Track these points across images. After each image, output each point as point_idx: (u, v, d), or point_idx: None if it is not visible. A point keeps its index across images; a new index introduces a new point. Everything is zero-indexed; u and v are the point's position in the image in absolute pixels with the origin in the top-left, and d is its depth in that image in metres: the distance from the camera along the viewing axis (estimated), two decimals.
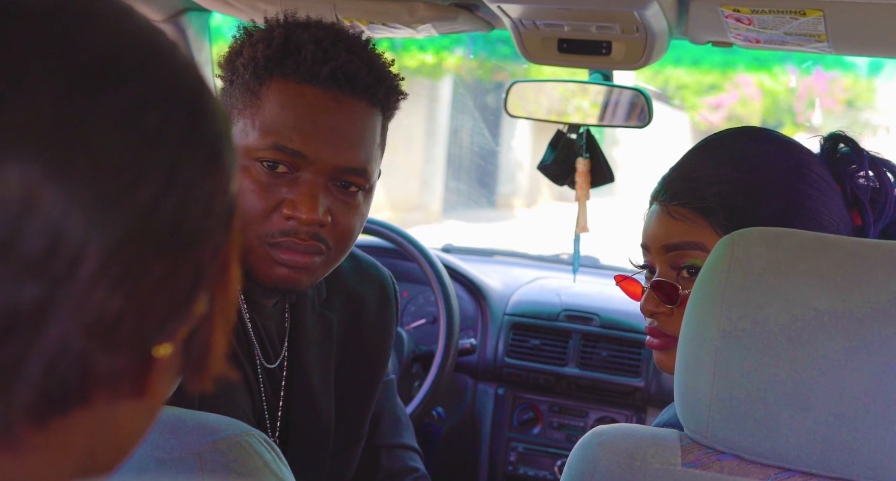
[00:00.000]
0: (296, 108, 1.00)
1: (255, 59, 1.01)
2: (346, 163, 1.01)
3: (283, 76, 1.00)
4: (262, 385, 1.10)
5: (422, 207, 8.32)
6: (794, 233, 0.79)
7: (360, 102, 1.02)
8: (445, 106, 8.40)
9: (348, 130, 1.01)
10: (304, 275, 1.03)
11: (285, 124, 1.00)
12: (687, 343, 0.80)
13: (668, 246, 0.98)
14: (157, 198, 0.38)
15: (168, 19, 1.57)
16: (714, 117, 9.17)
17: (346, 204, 1.03)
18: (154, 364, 0.40)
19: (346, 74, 1.00)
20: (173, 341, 0.41)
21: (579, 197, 1.76)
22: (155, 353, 0.40)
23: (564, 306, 2.01)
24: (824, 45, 1.30)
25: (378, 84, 1.03)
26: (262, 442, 0.69)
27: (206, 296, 0.42)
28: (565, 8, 1.27)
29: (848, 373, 0.73)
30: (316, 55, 1.00)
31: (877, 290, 0.73)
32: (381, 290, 1.26)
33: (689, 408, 0.79)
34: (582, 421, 1.98)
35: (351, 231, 1.05)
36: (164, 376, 0.41)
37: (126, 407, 0.42)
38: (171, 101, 0.40)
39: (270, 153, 0.99)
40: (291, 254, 1.00)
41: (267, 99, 1.00)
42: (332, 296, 1.19)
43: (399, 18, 1.41)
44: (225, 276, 0.43)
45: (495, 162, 8.88)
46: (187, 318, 0.41)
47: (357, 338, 1.20)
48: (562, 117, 1.77)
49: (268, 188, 1.00)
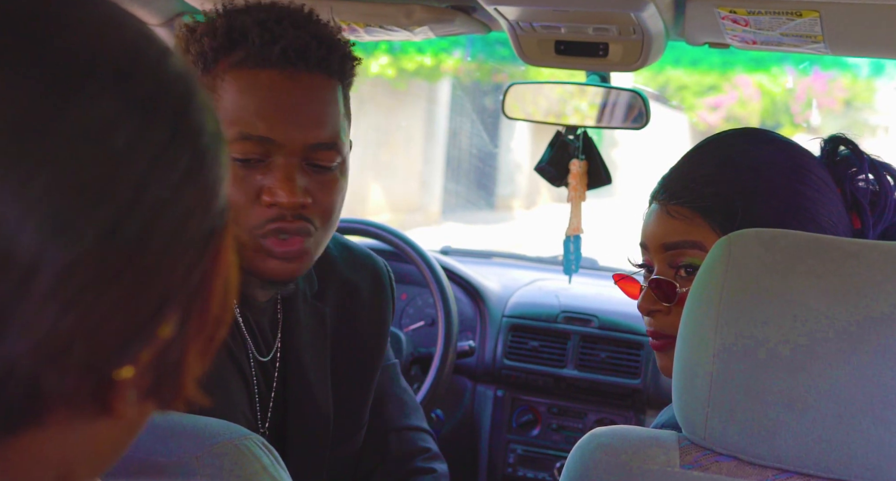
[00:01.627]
0: (254, 94, 0.99)
1: (203, 53, 1.00)
2: (314, 140, 1.00)
3: (235, 65, 1.00)
4: (256, 378, 1.10)
5: (421, 209, 8.32)
6: (791, 234, 0.79)
7: (316, 76, 1.01)
8: (444, 108, 8.41)
9: (311, 107, 1.01)
10: (299, 262, 1.03)
11: (247, 112, 0.99)
12: (685, 344, 0.80)
13: (667, 244, 0.99)
14: (118, 220, 0.36)
15: (164, 23, 1.57)
16: (713, 118, 9.17)
17: (322, 181, 1.03)
18: (115, 386, 0.38)
19: (296, 51, 0.99)
20: (135, 364, 0.38)
21: (572, 198, 1.76)
22: (116, 376, 0.38)
23: (563, 308, 2.01)
24: (821, 45, 1.30)
25: (330, 55, 1.02)
26: (260, 445, 0.69)
27: (177, 317, 0.39)
28: (562, 10, 1.27)
29: (845, 374, 0.73)
30: (263, 37, 0.99)
31: (874, 291, 0.73)
32: (374, 278, 1.25)
33: (686, 410, 0.79)
34: (581, 423, 1.98)
35: (332, 207, 1.04)
36: (127, 397, 0.39)
37: (97, 424, 0.40)
38: (148, 117, 0.38)
39: (238, 144, 0.99)
40: (285, 247, 1.01)
41: (223, 91, 1.00)
42: (325, 287, 1.19)
43: (396, 21, 1.41)
44: (203, 296, 0.41)
45: (494, 164, 8.88)
46: (151, 342, 0.39)
47: (351, 326, 1.20)
48: (560, 119, 1.77)
49: (243, 180, 0.99)
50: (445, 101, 8.37)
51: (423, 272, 1.91)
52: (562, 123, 1.76)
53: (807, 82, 8.45)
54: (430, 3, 1.39)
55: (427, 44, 6.76)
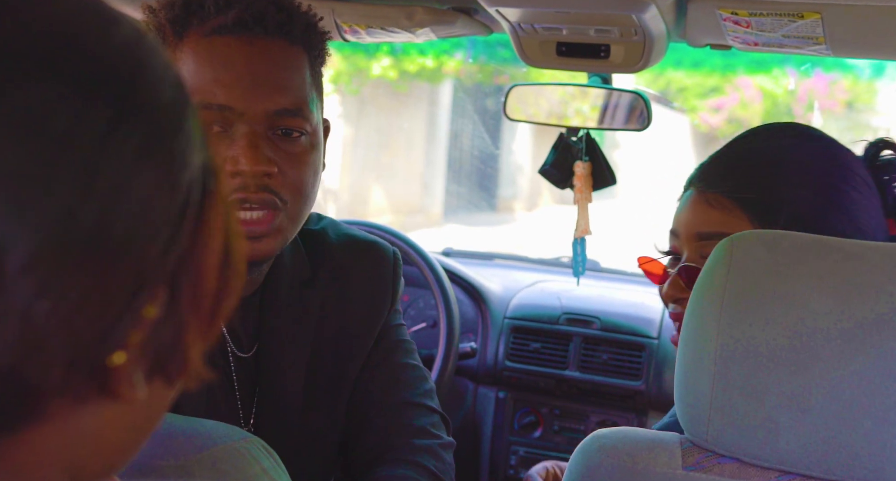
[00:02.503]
0: (211, 62, 0.97)
1: (161, 26, 1.00)
2: (276, 106, 0.98)
3: (192, 36, 0.98)
4: (236, 375, 1.07)
5: (422, 211, 8.32)
6: (793, 236, 0.78)
7: (276, 41, 0.99)
8: (446, 110, 8.41)
9: (270, 72, 0.98)
10: (270, 241, 1.00)
11: (205, 80, 0.97)
12: (687, 346, 0.80)
13: (702, 234, 0.97)
14: (73, 205, 0.34)
15: None
16: (714, 120, 9.17)
17: (290, 153, 1.00)
18: (111, 372, 0.37)
19: (253, 16, 0.97)
20: (126, 348, 0.37)
21: (578, 200, 1.76)
22: (109, 363, 0.37)
23: (565, 309, 2.01)
24: (823, 47, 1.30)
25: (291, 21, 1.00)
26: (260, 448, 0.68)
27: (164, 296, 0.39)
28: (563, 11, 1.27)
29: (848, 376, 0.73)
30: (218, 4, 0.98)
31: (876, 292, 0.73)
32: (374, 265, 1.20)
33: (689, 412, 0.79)
34: (583, 425, 1.98)
35: (303, 181, 1.01)
36: (128, 379, 0.38)
37: (106, 412, 0.39)
38: (89, 97, 0.36)
39: (199, 114, 0.97)
40: (250, 226, 0.98)
41: (182, 62, 0.98)
42: (318, 272, 1.15)
43: (398, 23, 1.41)
44: (191, 272, 0.40)
45: (496, 165, 8.89)
46: (138, 324, 0.38)
47: (341, 313, 1.16)
48: (561, 120, 1.77)
49: None
50: (447, 103, 8.38)
51: (424, 274, 1.91)
52: (563, 125, 1.76)
53: (808, 84, 8.45)
54: (431, 4, 1.40)
55: (428, 45, 6.76)
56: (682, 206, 1.00)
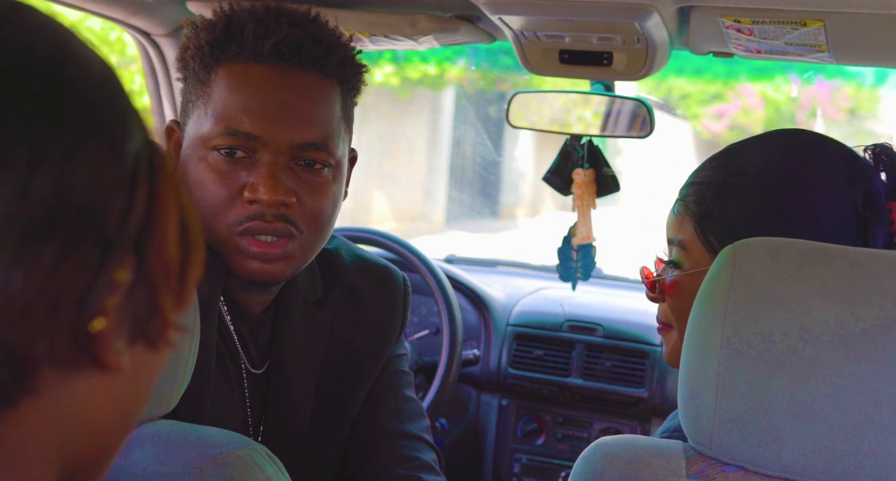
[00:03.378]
0: (243, 90, 0.98)
1: (201, 47, 1.00)
2: (301, 139, 0.99)
3: (229, 59, 0.99)
4: (248, 391, 1.08)
5: (425, 218, 8.32)
6: (796, 243, 0.78)
7: (309, 75, 1.00)
8: (448, 117, 8.42)
9: (300, 105, 0.99)
10: (281, 265, 1.01)
11: (234, 107, 0.98)
12: (690, 353, 0.80)
13: (669, 239, 1.04)
14: (26, 179, 0.36)
15: (171, 33, 1.58)
16: (716, 127, 9.18)
17: (311, 183, 1.01)
18: (94, 338, 0.39)
19: (289, 47, 0.98)
20: (105, 314, 0.39)
21: (577, 207, 1.76)
22: (91, 330, 0.39)
23: (568, 316, 2.01)
24: (825, 55, 1.30)
25: (328, 55, 1.01)
26: (263, 455, 0.69)
27: (132, 261, 0.40)
28: (566, 19, 1.27)
29: (852, 383, 0.72)
30: (257, 32, 0.98)
31: (880, 300, 0.73)
32: (385, 289, 1.21)
33: (693, 419, 0.79)
34: (586, 432, 1.97)
35: (320, 212, 1.02)
36: (112, 346, 0.40)
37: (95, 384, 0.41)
38: (22, 73, 0.38)
39: (224, 139, 0.98)
40: (263, 248, 0.99)
41: (216, 85, 1.00)
42: (329, 292, 1.16)
43: (401, 30, 1.41)
44: (154, 237, 0.41)
45: (498, 172, 8.89)
46: (112, 288, 0.39)
47: (351, 334, 1.16)
48: (564, 128, 1.77)
49: (227, 175, 0.98)
50: (449, 110, 8.38)
51: (427, 281, 1.91)
52: (566, 132, 1.76)
53: (811, 91, 8.45)
54: (434, 12, 1.40)
55: (431, 53, 6.78)
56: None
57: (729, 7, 1.18)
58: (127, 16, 1.48)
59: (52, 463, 0.41)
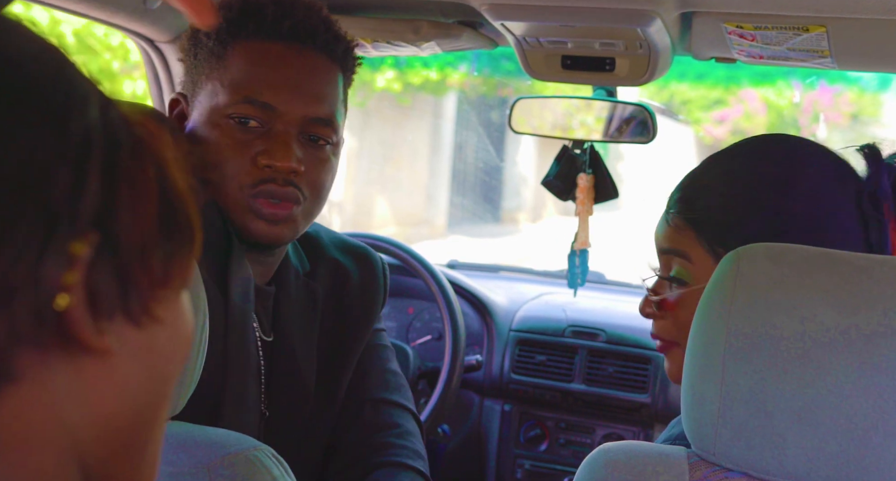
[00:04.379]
0: (262, 64, 1.06)
1: (217, 24, 1.06)
2: (314, 114, 1.07)
3: (246, 37, 1.07)
4: (263, 359, 1.13)
5: (427, 223, 8.33)
6: (799, 249, 0.78)
7: (320, 56, 1.08)
8: (450, 122, 8.43)
9: (313, 82, 1.08)
10: (285, 228, 1.08)
11: (253, 78, 1.05)
12: (694, 359, 0.80)
13: (661, 250, 1.02)
14: None
15: (174, 40, 1.59)
16: (719, 132, 9.18)
17: (316, 156, 1.08)
18: (63, 316, 0.38)
19: (306, 29, 1.06)
20: (66, 289, 0.38)
21: (579, 212, 1.77)
22: (55, 307, 0.38)
23: (570, 322, 2.01)
24: (828, 60, 1.30)
25: (336, 41, 1.09)
26: (270, 456, 0.69)
27: (95, 237, 0.39)
28: (568, 25, 1.28)
29: (856, 390, 0.72)
30: (276, 13, 1.06)
31: (884, 305, 0.73)
32: (366, 265, 1.29)
33: (696, 425, 0.79)
34: (589, 438, 1.97)
35: (323, 182, 1.10)
36: (86, 323, 0.39)
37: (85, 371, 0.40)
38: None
39: (241, 107, 1.05)
40: (273, 209, 1.05)
41: (233, 59, 1.06)
42: (316, 267, 1.23)
43: (403, 36, 1.42)
44: (120, 217, 0.40)
45: (500, 177, 8.90)
46: (67, 263, 0.38)
47: (340, 307, 1.23)
48: (566, 133, 1.77)
49: (242, 143, 1.05)
50: (451, 115, 8.40)
51: (430, 286, 1.91)
52: (568, 137, 1.76)
53: (813, 96, 8.46)
54: (437, 18, 1.40)
55: (433, 58, 6.78)
56: (656, 225, 1.05)
57: (731, 13, 1.18)
58: (130, 22, 1.48)
59: (64, 451, 0.40)
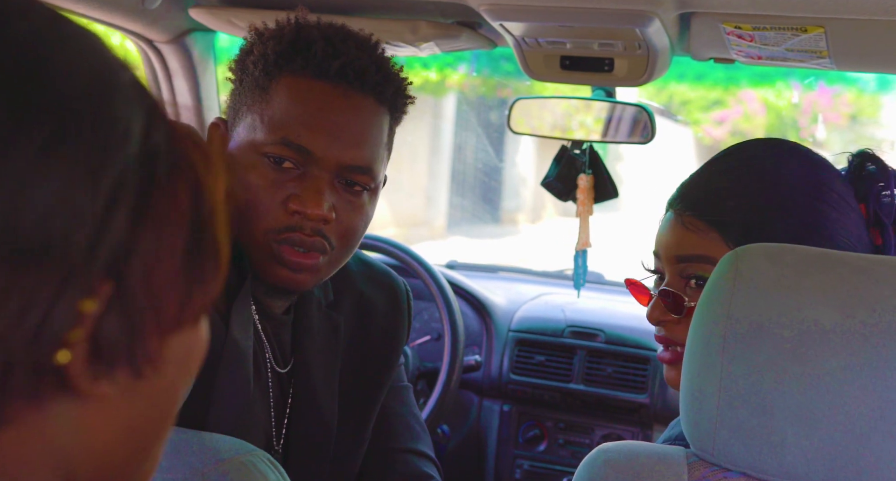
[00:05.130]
0: (305, 103, 1.01)
1: (266, 55, 1.02)
2: (351, 161, 1.01)
3: (293, 72, 1.01)
4: (272, 390, 1.10)
5: (426, 223, 8.32)
6: (798, 249, 0.78)
7: (367, 99, 1.03)
8: (449, 123, 8.43)
9: (355, 127, 1.02)
10: (308, 276, 1.03)
11: (293, 119, 1.00)
12: (692, 359, 0.80)
13: (680, 257, 0.97)
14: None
15: (173, 40, 1.59)
16: (718, 132, 9.18)
17: (350, 203, 1.03)
18: (62, 370, 0.36)
19: (355, 70, 1.01)
20: (70, 347, 0.36)
21: (580, 213, 1.77)
22: (56, 363, 0.36)
23: (569, 322, 2.01)
24: (826, 61, 1.31)
25: (386, 83, 1.04)
26: (265, 461, 0.69)
27: (109, 288, 0.37)
28: (567, 26, 1.28)
29: (855, 390, 0.72)
30: (326, 51, 1.01)
31: (882, 306, 0.73)
32: (392, 297, 1.24)
33: (695, 425, 0.79)
34: (588, 438, 1.97)
35: (354, 230, 1.05)
36: (84, 375, 0.37)
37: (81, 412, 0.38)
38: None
39: (277, 148, 1.00)
40: (297, 257, 1.01)
41: (276, 94, 1.01)
42: (340, 298, 1.18)
43: (402, 37, 1.41)
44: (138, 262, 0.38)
45: (499, 178, 8.89)
46: (76, 320, 0.36)
47: (364, 341, 1.19)
48: (565, 133, 1.77)
49: (274, 183, 1.00)
50: (450, 116, 8.39)
51: (429, 286, 1.91)
52: (567, 138, 1.76)
53: (812, 97, 8.45)
54: (436, 19, 1.40)
55: (432, 59, 6.78)
56: (662, 228, 1.01)
57: (730, 13, 1.18)
58: (129, 22, 1.48)
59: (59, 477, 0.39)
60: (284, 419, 1.11)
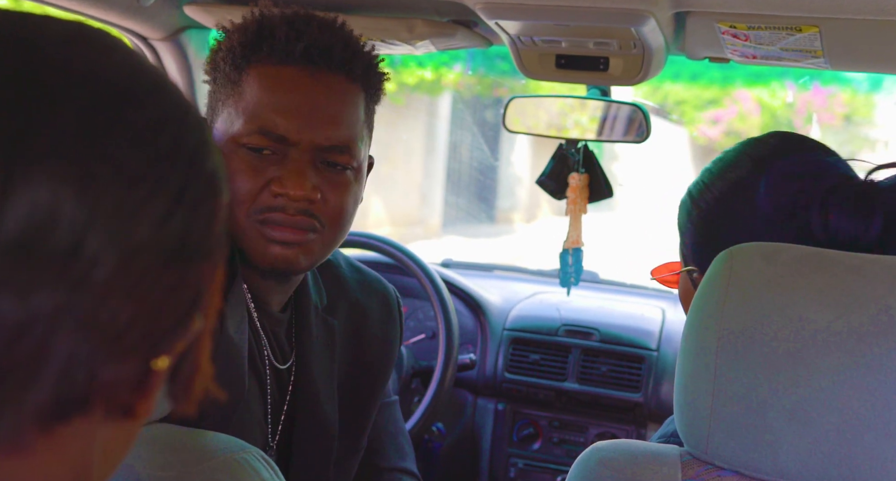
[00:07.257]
0: (274, 90, 1.01)
1: (233, 48, 1.03)
2: (326, 141, 1.02)
3: (260, 61, 1.02)
4: (270, 387, 1.10)
5: (421, 222, 8.32)
6: (792, 249, 0.79)
7: (337, 77, 1.03)
8: (444, 121, 8.43)
9: (328, 107, 1.02)
10: (300, 253, 1.03)
11: (265, 107, 1.01)
12: (686, 358, 0.80)
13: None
14: (168, 211, 0.40)
15: (168, 37, 1.58)
16: (713, 132, 9.19)
17: (335, 182, 1.04)
18: (151, 377, 0.41)
19: (319, 50, 1.01)
20: (171, 355, 0.42)
21: (570, 211, 1.77)
22: (154, 366, 0.41)
23: (564, 321, 2.01)
24: (821, 60, 1.31)
25: (354, 59, 1.04)
26: (259, 459, 0.68)
27: (202, 313, 0.44)
28: (563, 24, 1.28)
29: (847, 389, 0.73)
30: (289, 35, 1.01)
31: (875, 305, 0.73)
32: (384, 305, 1.25)
33: (688, 424, 0.79)
34: (582, 437, 1.97)
35: (343, 209, 1.05)
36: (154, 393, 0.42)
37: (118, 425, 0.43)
38: (183, 125, 0.43)
39: (254, 138, 1.01)
40: (282, 231, 1.01)
41: (247, 85, 1.02)
42: (335, 302, 1.19)
43: (398, 35, 1.41)
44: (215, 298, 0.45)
45: (494, 177, 8.90)
46: (186, 333, 0.42)
47: (359, 348, 1.20)
48: (560, 132, 1.78)
49: (255, 169, 1.01)
50: (446, 115, 8.39)
51: (423, 285, 1.91)
52: (563, 137, 1.77)
53: (806, 97, 8.48)
54: (431, 17, 1.40)
55: (427, 58, 6.78)
56: None
57: (725, 12, 1.18)
58: (124, 19, 1.48)
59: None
60: (281, 415, 1.11)
